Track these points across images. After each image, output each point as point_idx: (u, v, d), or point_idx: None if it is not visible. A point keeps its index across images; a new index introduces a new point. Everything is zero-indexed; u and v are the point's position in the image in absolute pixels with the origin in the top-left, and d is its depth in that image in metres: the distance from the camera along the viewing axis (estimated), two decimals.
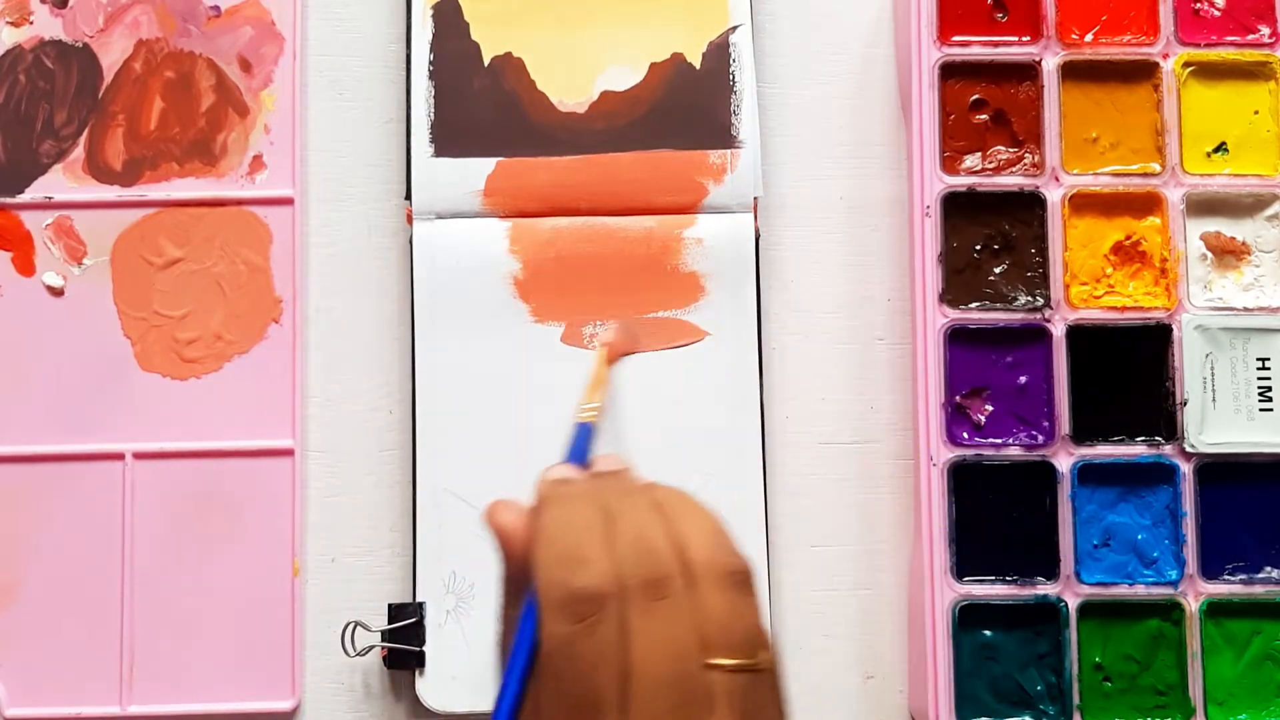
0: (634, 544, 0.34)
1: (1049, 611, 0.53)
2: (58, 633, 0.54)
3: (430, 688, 0.54)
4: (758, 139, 0.56)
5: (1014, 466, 0.54)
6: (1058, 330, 0.55)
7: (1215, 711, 0.53)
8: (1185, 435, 0.54)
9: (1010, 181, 0.56)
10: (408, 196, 0.56)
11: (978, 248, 0.56)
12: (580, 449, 0.44)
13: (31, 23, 0.58)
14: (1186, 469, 0.54)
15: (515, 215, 0.56)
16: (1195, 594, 0.53)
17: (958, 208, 0.55)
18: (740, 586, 0.35)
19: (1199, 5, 0.57)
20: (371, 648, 0.53)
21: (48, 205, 0.57)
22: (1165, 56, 0.56)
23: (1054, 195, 0.55)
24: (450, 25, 0.57)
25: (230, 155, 0.57)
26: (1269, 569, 0.54)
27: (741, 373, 0.55)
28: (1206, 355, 0.54)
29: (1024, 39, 0.56)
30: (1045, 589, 0.53)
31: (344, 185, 0.58)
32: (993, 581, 0.53)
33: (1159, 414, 0.55)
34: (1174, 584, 0.54)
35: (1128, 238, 0.56)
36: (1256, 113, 0.57)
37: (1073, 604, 0.53)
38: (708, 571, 0.34)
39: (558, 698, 0.33)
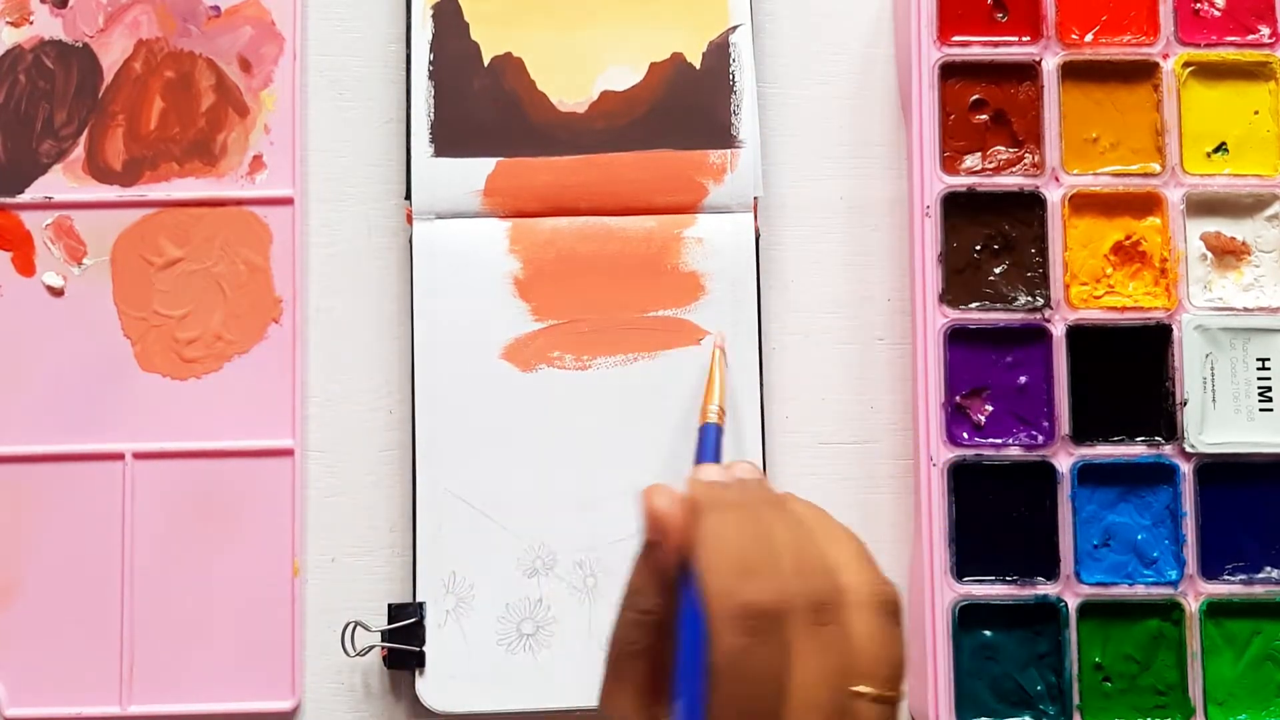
0: (797, 562, 0.34)
1: (1049, 611, 0.53)
2: (58, 633, 0.54)
3: (430, 688, 0.54)
4: (758, 139, 0.56)
5: (1014, 466, 0.54)
6: (1058, 330, 0.55)
7: (1215, 711, 0.53)
8: (1185, 435, 0.54)
9: (1010, 181, 0.56)
10: (408, 196, 0.56)
11: (978, 248, 0.56)
12: (712, 449, 0.45)
13: (31, 23, 0.58)
14: (1186, 469, 0.54)
15: (515, 215, 0.56)
16: (1195, 594, 0.53)
17: (958, 208, 0.55)
18: (892, 616, 0.35)
19: (1199, 5, 0.57)
20: (371, 648, 0.54)
21: (48, 205, 0.57)
22: (1165, 56, 0.56)
23: (1054, 195, 0.55)
24: (450, 25, 0.57)
25: (230, 155, 0.57)
26: (1269, 569, 0.54)
27: (741, 373, 0.55)
28: (1206, 355, 0.54)
29: (1024, 39, 0.56)
30: (1045, 589, 0.53)
31: (344, 185, 0.58)
32: (993, 581, 0.53)
33: (1159, 414, 0.55)
34: (1174, 584, 0.54)
35: (1128, 238, 0.56)
36: (1256, 113, 0.57)
37: (1073, 604, 0.53)
38: (863, 597, 0.34)
39: (723, 710, 0.33)
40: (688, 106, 0.57)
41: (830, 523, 0.37)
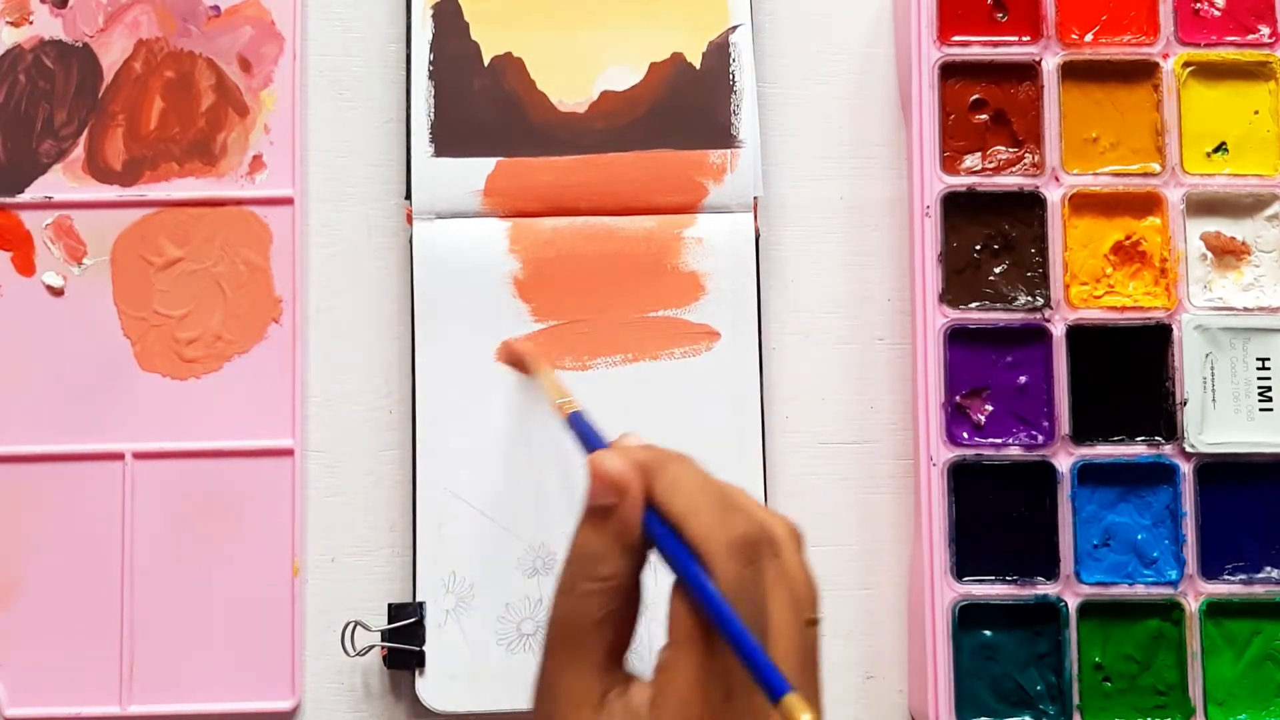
0: (745, 504, 0.37)
1: (1049, 611, 0.53)
2: (58, 633, 0.54)
3: (430, 688, 0.54)
4: (758, 139, 0.56)
5: (1014, 466, 0.54)
6: (1058, 330, 0.55)
7: (1215, 711, 0.53)
8: (1185, 435, 0.54)
9: (1010, 181, 0.56)
10: (408, 196, 0.56)
11: (978, 248, 0.56)
12: (594, 435, 0.45)
13: (31, 23, 0.58)
14: (1186, 469, 0.54)
15: (515, 215, 0.56)
16: (1195, 594, 0.53)
17: (958, 208, 0.55)
18: (801, 545, 0.38)
19: (1199, 5, 0.57)
20: (371, 647, 0.54)
21: (48, 205, 0.57)
22: (1165, 56, 0.56)
23: (1054, 195, 0.55)
24: (450, 25, 0.57)
25: (230, 155, 0.57)
26: (1269, 569, 0.54)
27: (741, 373, 0.55)
28: (1206, 355, 0.54)
29: (1024, 39, 0.56)
30: (1045, 589, 0.53)
31: (344, 185, 0.58)
32: (993, 581, 0.53)
33: (1159, 414, 0.55)
34: (1174, 584, 0.54)
35: (1128, 238, 0.56)
36: (1256, 113, 0.57)
37: (1073, 604, 0.53)
38: (784, 533, 0.37)
39: None
40: (688, 106, 0.57)
41: (719, 477, 0.38)
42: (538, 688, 0.37)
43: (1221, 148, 0.56)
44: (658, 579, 0.37)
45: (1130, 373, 0.55)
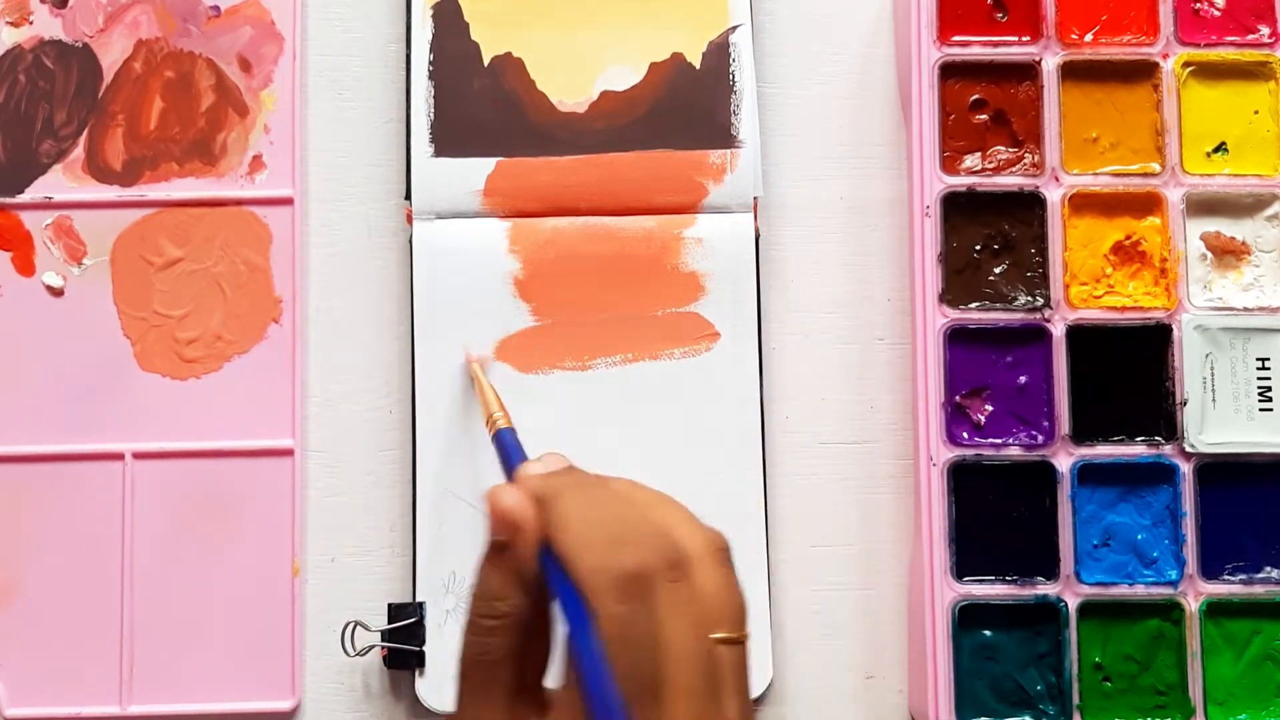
0: (642, 528, 0.36)
1: (1049, 611, 0.53)
2: (58, 633, 0.54)
3: (430, 688, 0.54)
4: (758, 139, 0.56)
5: (1014, 466, 0.54)
6: (1057, 330, 0.55)
7: (1215, 711, 0.53)
8: (1185, 435, 0.54)
9: (1010, 181, 0.56)
10: (408, 196, 0.56)
11: (978, 248, 0.56)
12: (519, 451, 0.45)
13: (31, 23, 0.58)
14: (1186, 469, 0.54)
15: (515, 215, 0.56)
16: (1195, 594, 0.53)
17: (958, 208, 0.55)
18: (726, 562, 0.36)
19: (1199, 5, 0.57)
20: (371, 648, 0.54)
21: (48, 205, 0.57)
22: (1165, 56, 0.56)
23: (1054, 195, 0.55)
24: (450, 25, 0.57)
25: (230, 155, 0.57)
26: (1269, 569, 0.54)
27: (741, 373, 0.55)
28: (1206, 355, 0.54)
29: (1024, 39, 0.56)
30: (1045, 589, 0.53)
31: (344, 185, 0.58)
32: (993, 581, 0.53)
33: (1159, 414, 0.55)
34: (1174, 584, 0.54)
35: (1128, 238, 0.56)
36: (1256, 113, 0.57)
37: (1073, 604, 0.53)
38: (700, 550, 0.36)
39: (621, 679, 0.34)
40: (688, 106, 0.57)
41: (647, 491, 0.38)
42: (455, 716, 0.38)
43: (1221, 148, 0.56)
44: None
45: (1130, 373, 0.55)
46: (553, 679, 0.37)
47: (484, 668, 0.37)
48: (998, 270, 0.56)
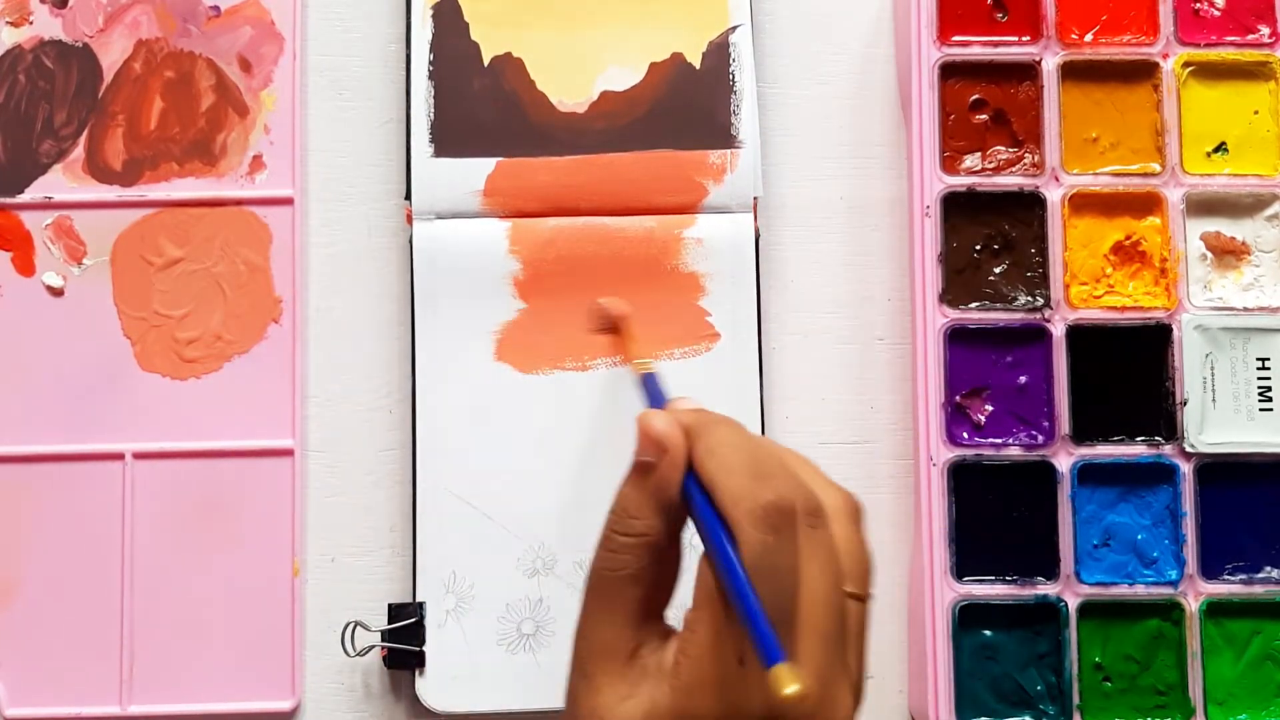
0: (786, 470, 0.36)
1: (1049, 611, 0.53)
2: (58, 633, 0.54)
3: (430, 688, 0.54)
4: (758, 139, 0.56)
5: (1014, 466, 0.54)
6: (1057, 330, 0.55)
7: (1215, 711, 0.53)
8: (1185, 435, 0.54)
9: (1010, 181, 0.56)
10: (408, 196, 0.56)
11: (978, 248, 0.56)
12: (660, 394, 0.45)
13: (31, 23, 0.58)
14: (1186, 469, 0.54)
15: (515, 215, 0.56)
16: (1195, 594, 0.53)
17: (958, 208, 0.55)
18: (860, 521, 0.37)
19: (1199, 5, 0.57)
20: (371, 648, 0.54)
21: (48, 205, 0.57)
22: (1165, 56, 0.56)
23: (1054, 195, 0.55)
24: (450, 25, 0.57)
25: (230, 155, 0.57)
26: (1269, 569, 0.54)
27: (741, 373, 0.55)
28: (1206, 355, 0.54)
29: (1024, 39, 0.56)
30: (1045, 589, 0.53)
31: (344, 185, 0.58)
32: (993, 581, 0.53)
33: (1159, 414, 0.55)
34: (1174, 584, 0.54)
35: (1128, 238, 0.56)
36: (1256, 113, 0.57)
37: (1073, 604, 0.53)
38: (837, 504, 0.37)
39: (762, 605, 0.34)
40: (688, 106, 0.57)
41: (784, 447, 0.39)
42: (576, 633, 0.38)
43: (1221, 148, 0.56)
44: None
45: (1130, 373, 0.55)
46: (677, 607, 0.37)
47: (612, 584, 0.37)
48: (998, 270, 0.56)
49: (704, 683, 0.35)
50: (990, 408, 0.55)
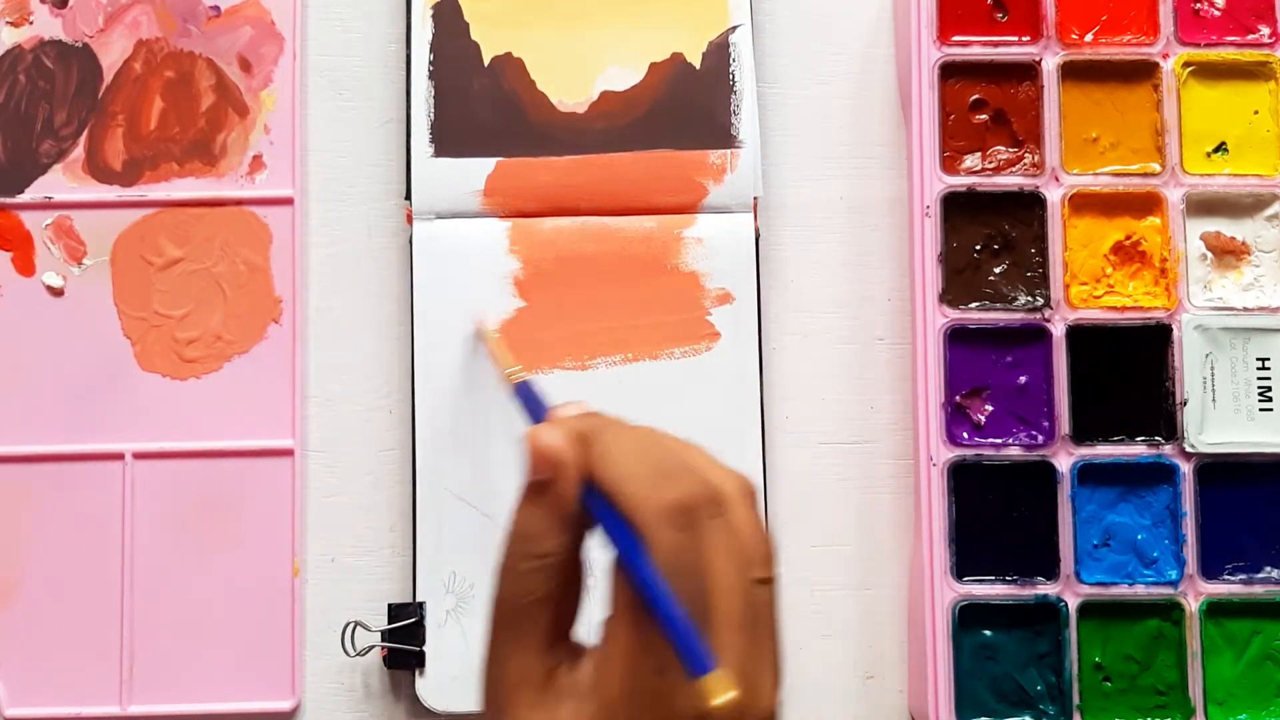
0: (681, 465, 0.36)
1: (1049, 611, 0.53)
2: (58, 633, 0.54)
3: (430, 688, 0.54)
4: (758, 139, 0.56)
5: (1014, 466, 0.54)
6: (1057, 330, 0.55)
7: (1215, 711, 0.53)
8: (1185, 435, 0.54)
9: (1010, 181, 0.56)
10: (408, 196, 0.56)
11: (978, 248, 0.56)
12: (539, 403, 0.45)
13: (31, 23, 0.58)
14: (1186, 469, 0.54)
15: (515, 215, 0.56)
16: (1195, 594, 0.53)
17: (958, 208, 0.55)
18: (754, 503, 0.36)
19: (1199, 5, 0.57)
20: (371, 648, 0.54)
21: (48, 205, 0.57)
22: (1165, 56, 0.56)
23: (1054, 195, 0.55)
24: (450, 25, 0.57)
25: (230, 155, 0.57)
26: (1269, 569, 0.54)
27: (741, 373, 0.55)
28: (1206, 355, 0.54)
29: (1024, 39, 0.56)
30: (1045, 589, 0.53)
31: (344, 185, 0.58)
32: (993, 581, 0.53)
33: (1159, 414, 0.55)
34: (1174, 584, 0.54)
35: (1128, 238, 0.56)
36: (1256, 113, 0.57)
37: (1073, 604, 0.53)
38: (733, 491, 0.36)
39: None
40: (688, 106, 0.57)
41: (670, 435, 0.38)
42: (484, 670, 0.37)
43: (1221, 148, 0.56)
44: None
45: (1130, 373, 0.55)
46: (588, 619, 0.37)
47: (521, 610, 0.36)
48: (998, 270, 0.56)
49: (628, 694, 0.34)
50: (990, 408, 0.55)
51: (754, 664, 0.34)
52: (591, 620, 0.37)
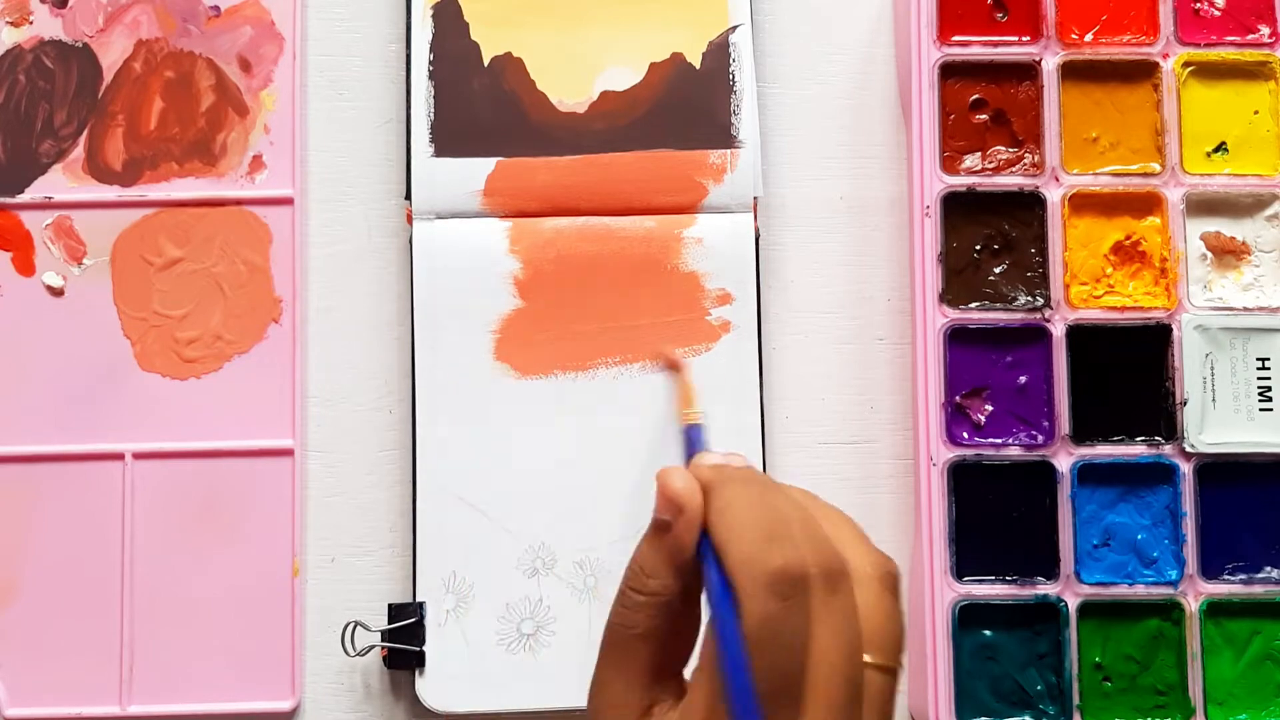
0: (807, 533, 0.35)
1: (1049, 611, 0.53)
2: (58, 633, 0.54)
3: (430, 688, 0.54)
4: (758, 139, 0.56)
5: (1014, 466, 0.54)
6: (1057, 330, 0.55)
7: (1215, 711, 0.53)
8: (1185, 435, 0.54)
9: (1010, 181, 0.56)
10: (408, 196, 0.56)
11: (978, 248, 0.56)
12: (696, 446, 0.45)
13: (31, 23, 0.58)
14: (1186, 469, 0.54)
15: (515, 215, 0.56)
16: (1195, 594, 0.53)
17: (958, 207, 0.55)
18: (893, 590, 0.35)
19: (1199, 5, 0.57)
20: (371, 648, 0.54)
21: (48, 205, 0.57)
22: (1165, 56, 0.56)
23: (1054, 195, 0.55)
24: (450, 25, 0.57)
25: (230, 155, 0.57)
26: (1269, 569, 0.54)
27: (741, 373, 0.55)
28: (1206, 355, 0.54)
29: (1024, 39, 0.56)
30: (1045, 589, 0.53)
31: (344, 185, 0.58)
32: (993, 581, 0.53)
33: (1159, 414, 0.55)
34: (1174, 584, 0.54)
35: (1127, 238, 0.56)
36: (1256, 113, 0.57)
37: (1073, 604, 0.53)
38: (867, 570, 0.35)
39: (760, 678, 0.33)
40: (688, 106, 0.57)
41: (824, 504, 0.37)
42: (592, 686, 0.38)
43: (1221, 148, 0.56)
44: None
45: (1130, 373, 0.55)
46: (691, 665, 0.37)
47: (625, 640, 0.37)
48: (998, 270, 0.56)
49: None
50: (990, 408, 0.55)
51: None
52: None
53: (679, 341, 0.56)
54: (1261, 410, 0.54)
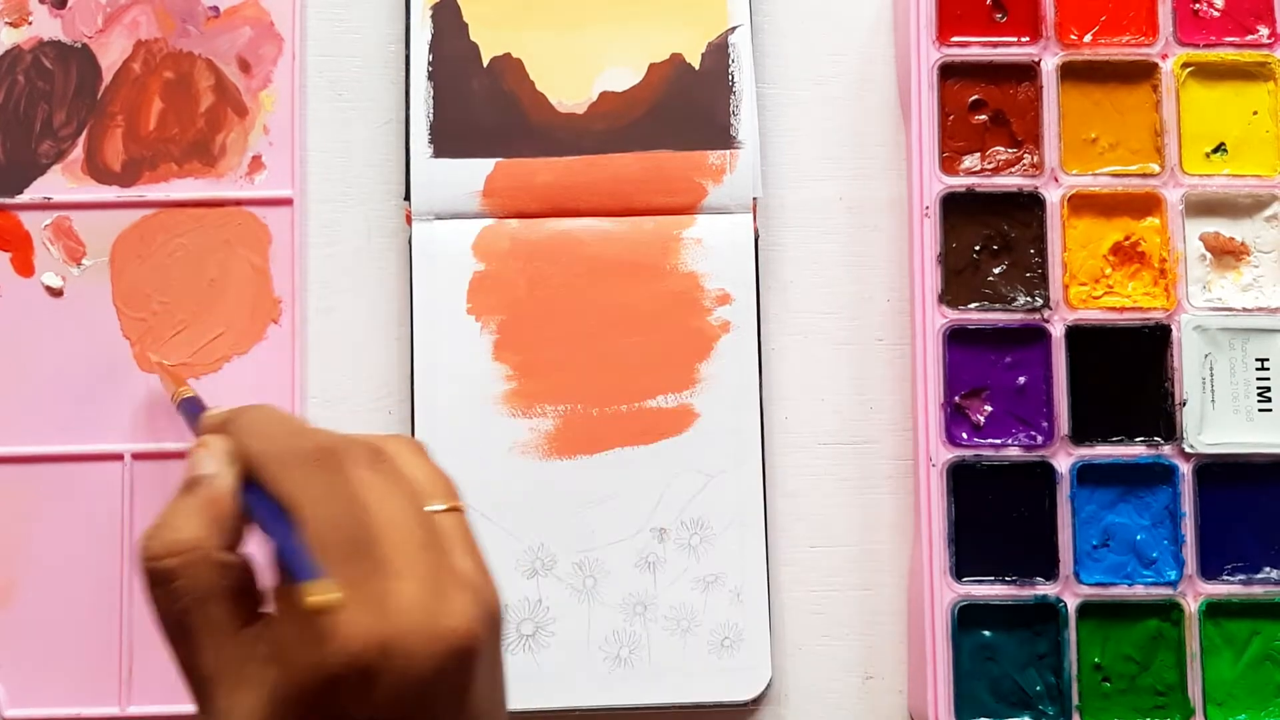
0: (327, 432, 0.37)
1: (1048, 612, 0.53)
2: (57, 633, 0.54)
3: None
4: (757, 139, 0.56)
5: (1013, 467, 0.54)
6: (1057, 330, 0.55)
7: (1214, 712, 0.53)
8: (1184, 436, 0.54)
9: (1009, 182, 0.56)
10: (407, 197, 0.56)
11: (977, 248, 0.56)
12: (198, 409, 0.48)
13: (30, 23, 0.58)
14: (1185, 469, 0.54)
15: (514, 216, 0.56)
16: (1194, 594, 0.54)
17: (957, 208, 0.55)
18: (425, 452, 0.39)
19: (1198, 5, 0.57)
20: None
21: (47, 206, 0.57)
22: (1164, 57, 0.56)
23: (1053, 196, 0.55)
24: (449, 26, 0.57)
25: (229, 156, 0.57)
26: (1269, 569, 0.54)
27: (741, 373, 0.55)
28: (1205, 355, 0.54)
29: (1023, 39, 0.56)
30: (1045, 589, 0.53)
31: (344, 185, 0.58)
32: (992, 581, 0.53)
33: (1158, 414, 0.55)
34: (1173, 584, 0.54)
35: (1127, 238, 0.56)
36: (1255, 113, 0.57)
37: (1072, 604, 0.53)
38: (397, 445, 0.38)
39: (320, 543, 0.34)
40: (687, 107, 0.57)
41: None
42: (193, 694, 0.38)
43: (1221, 148, 0.56)
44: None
45: (1129, 373, 0.55)
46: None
47: (185, 623, 0.38)
48: (997, 270, 0.56)
49: (284, 646, 0.34)
50: (989, 408, 0.55)
51: (438, 578, 0.35)
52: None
53: (678, 341, 0.56)
54: (1261, 411, 0.54)
